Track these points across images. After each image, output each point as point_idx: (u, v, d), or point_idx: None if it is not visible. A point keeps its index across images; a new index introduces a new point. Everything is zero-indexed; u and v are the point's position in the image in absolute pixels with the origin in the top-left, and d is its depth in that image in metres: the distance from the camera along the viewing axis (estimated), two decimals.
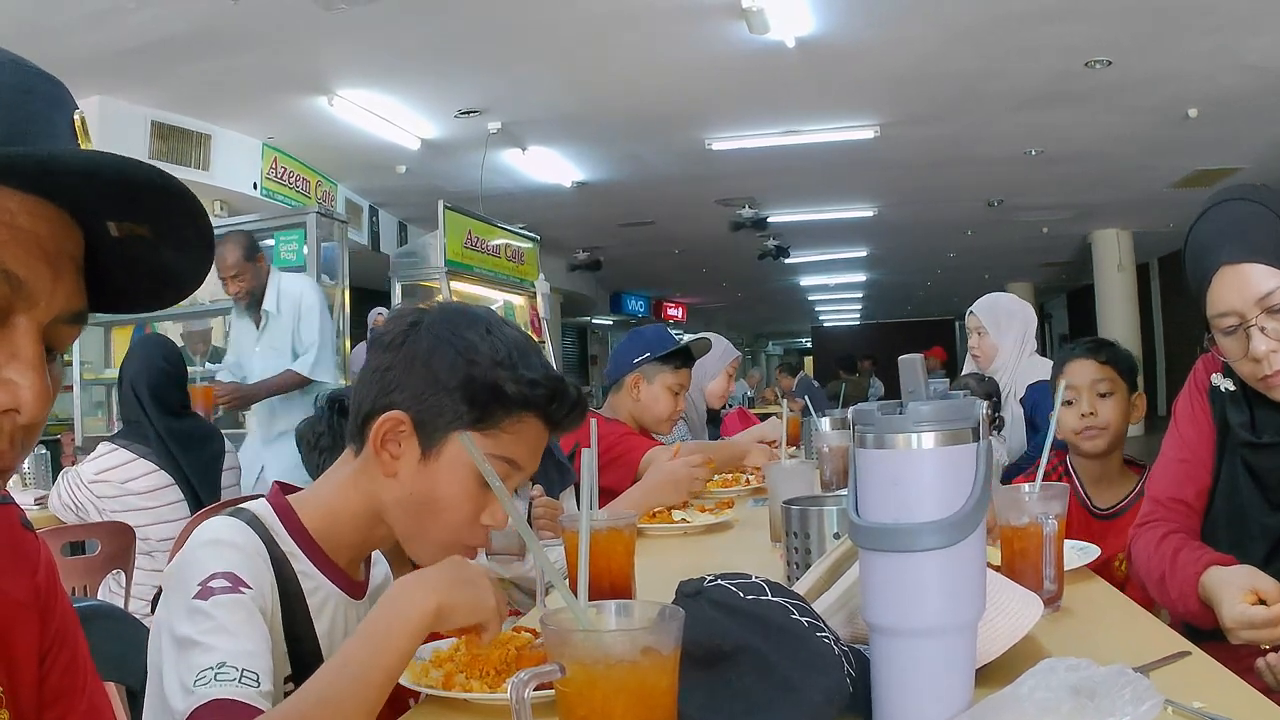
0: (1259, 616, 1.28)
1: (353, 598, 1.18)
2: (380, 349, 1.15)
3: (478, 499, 1.12)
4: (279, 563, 1.09)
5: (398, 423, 1.10)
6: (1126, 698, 0.75)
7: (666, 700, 0.77)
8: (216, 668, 0.95)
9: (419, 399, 1.10)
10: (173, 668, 0.98)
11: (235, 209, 7.06)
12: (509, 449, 1.12)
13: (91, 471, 2.99)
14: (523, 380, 1.11)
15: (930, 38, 5.81)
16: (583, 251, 12.53)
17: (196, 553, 1.05)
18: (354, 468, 1.16)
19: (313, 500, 1.16)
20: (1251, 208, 1.42)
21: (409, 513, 1.13)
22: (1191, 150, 8.33)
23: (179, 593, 1.01)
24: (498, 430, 1.11)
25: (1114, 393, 2.15)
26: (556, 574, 0.89)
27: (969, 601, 0.87)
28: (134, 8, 4.76)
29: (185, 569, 1.03)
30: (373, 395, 1.13)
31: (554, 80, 6.45)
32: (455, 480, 1.11)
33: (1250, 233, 1.40)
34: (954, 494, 0.84)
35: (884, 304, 21.79)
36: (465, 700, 1.10)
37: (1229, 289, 1.41)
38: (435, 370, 1.10)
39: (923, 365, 0.88)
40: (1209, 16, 5.48)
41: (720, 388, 3.82)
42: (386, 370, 1.13)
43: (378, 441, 1.11)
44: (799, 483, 1.89)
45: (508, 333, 1.15)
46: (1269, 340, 1.38)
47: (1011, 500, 1.36)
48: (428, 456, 1.11)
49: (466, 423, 1.10)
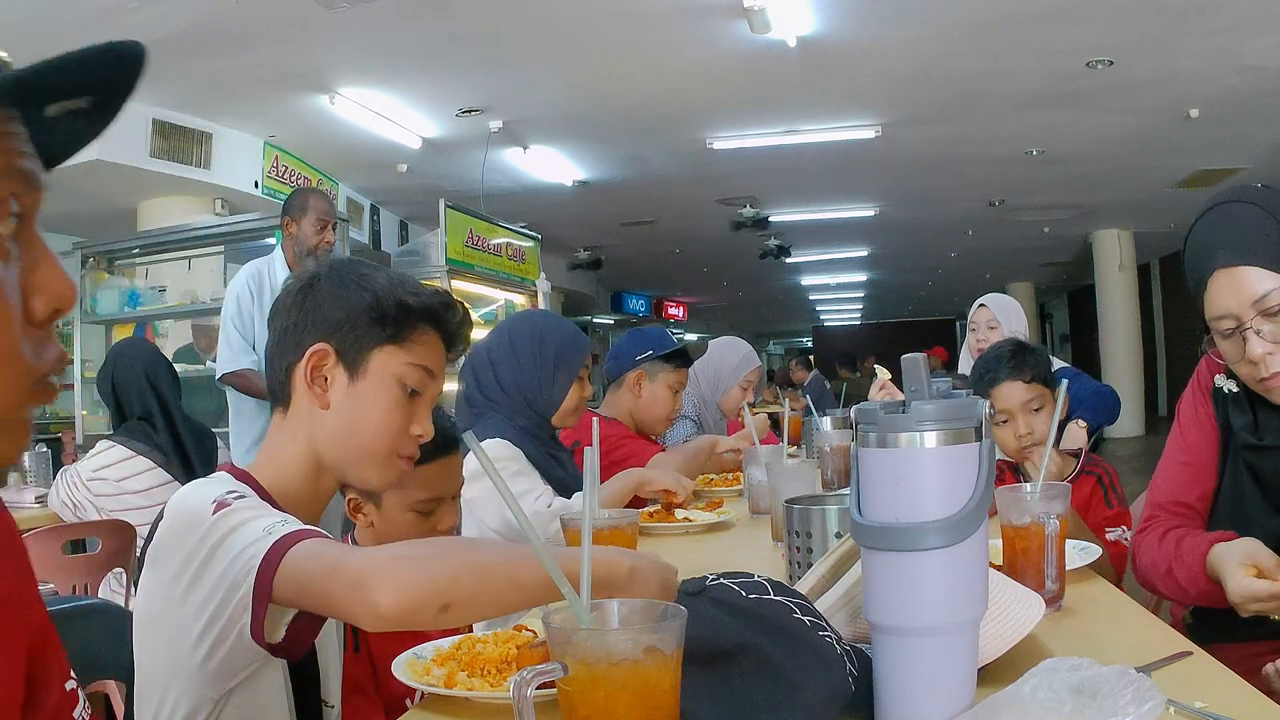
0: (1262, 590, 1.30)
1: None
2: (284, 310, 1.25)
3: (406, 408, 1.23)
4: None
5: (323, 354, 1.21)
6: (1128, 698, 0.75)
7: (669, 699, 0.77)
8: (265, 528, 1.03)
9: (335, 330, 1.22)
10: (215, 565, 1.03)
11: (236, 207, 7.06)
12: (422, 357, 1.24)
13: (89, 469, 2.99)
14: (421, 293, 1.25)
15: (932, 38, 5.81)
16: (584, 251, 12.52)
17: (190, 497, 1.12)
18: (285, 420, 1.25)
19: (263, 464, 1.25)
20: (1249, 210, 1.43)
21: (345, 438, 1.22)
22: (1193, 150, 8.33)
23: (182, 540, 1.07)
24: (409, 341, 1.23)
25: (1044, 406, 2.18)
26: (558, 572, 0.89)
27: (971, 601, 0.87)
28: (135, 6, 4.77)
29: (182, 519, 1.09)
30: (289, 349, 1.23)
31: (555, 79, 6.45)
32: (383, 393, 1.22)
33: (1246, 236, 1.41)
34: (956, 493, 0.84)
35: (885, 304, 21.78)
36: (467, 699, 1.10)
37: (1225, 292, 1.41)
38: (344, 303, 1.22)
39: (925, 364, 0.88)
40: (1210, 17, 5.48)
41: (734, 400, 3.72)
42: (295, 325, 1.24)
43: (307, 379, 1.21)
44: (801, 482, 1.89)
45: (394, 270, 1.30)
46: (1265, 343, 1.38)
47: (1013, 500, 1.36)
48: (354, 378, 1.22)
49: (382, 339, 1.22)
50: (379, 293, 1.22)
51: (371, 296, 1.22)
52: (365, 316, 1.21)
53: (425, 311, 1.24)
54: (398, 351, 1.22)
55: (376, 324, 1.22)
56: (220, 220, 6.40)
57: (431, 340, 1.26)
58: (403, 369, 1.22)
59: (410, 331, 1.23)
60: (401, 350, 1.23)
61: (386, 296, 1.22)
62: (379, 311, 1.22)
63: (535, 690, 0.74)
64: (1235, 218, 1.44)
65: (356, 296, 1.22)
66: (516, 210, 8.61)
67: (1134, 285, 12.85)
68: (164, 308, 5.50)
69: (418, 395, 1.24)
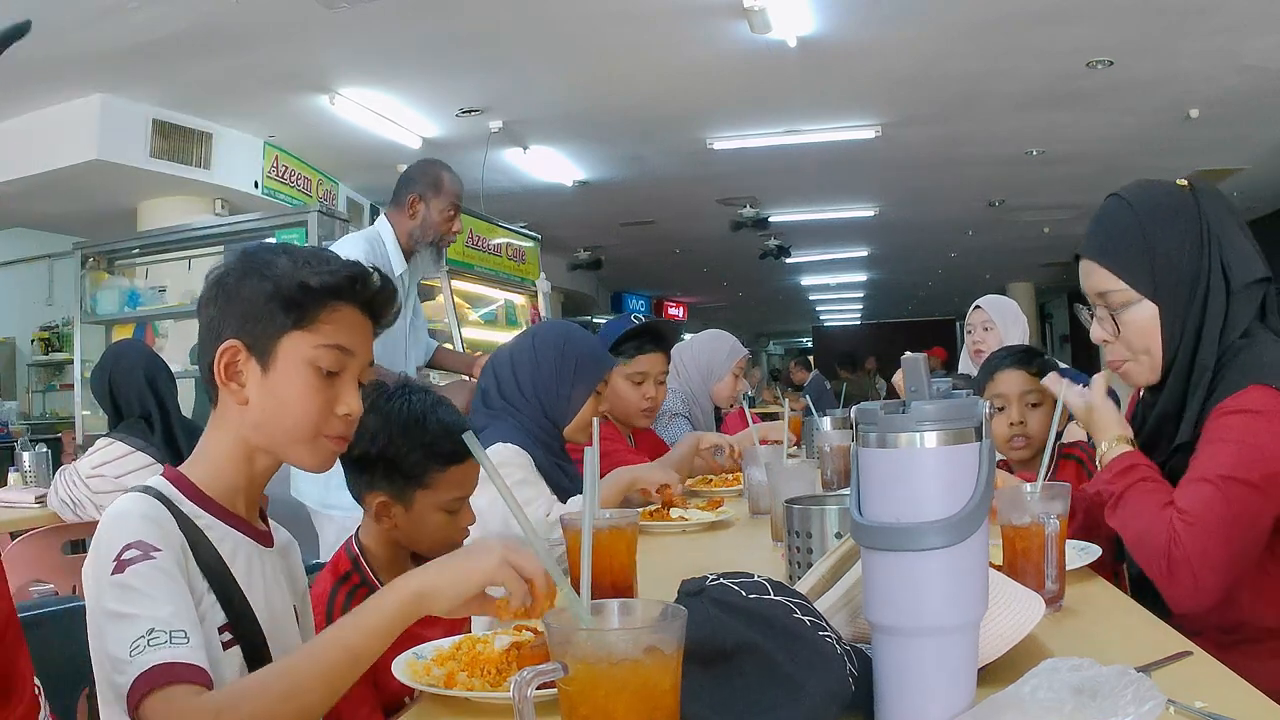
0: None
1: (261, 545, 1.26)
2: (202, 306, 1.25)
3: (324, 390, 1.21)
4: (185, 525, 1.16)
5: (234, 351, 1.20)
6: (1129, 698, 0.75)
7: (669, 699, 0.77)
8: (147, 635, 1.01)
9: (242, 325, 1.20)
10: (105, 647, 1.04)
11: (236, 208, 7.06)
12: (333, 337, 1.22)
13: (89, 466, 3.00)
14: (323, 272, 1.21)
15: (932, 38, 5.81)
16: (584, 251, 12.51)
17: (107, 531, 1.11)
18: (215, 417, 1.25)
19: (197, 461, 1.25)
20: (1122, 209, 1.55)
21: (269, 428, 1.22)
22: (1193, 150, 8.32)
23: (97, 574, 1.07)
24: (317, 323, 1.21)
25: (1042, 404, 2.20)
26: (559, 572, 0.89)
27: (971, 601, 0.87)
28: (136, 6, 4.76)
29: (99, 550, 1.09)
30: (208, 346, 1.22)
31: (556, 79, 6.45)
32: (296, 380, 1.20)
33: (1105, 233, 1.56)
34: (956, 493, 0.84)
35: (885, 304, 21.76)
36: (467, 699, 1.10)
37: (1083, 277, 1.60)
38: (246, 296, 1.21)
39: (926, 364, 0.88)
40: (1210, 17, 5.48)
41: (728, 389, 3.70)
42: (211, 320, 1.23)
43: (223, 377, 1.21)
44: (801, 482, 1.89)
45: (305, 249, 1.26)
46: (1101, 331, 1.59)
47: (1013, 500, 1.36)
48: (267, 370, 1.21)
49: (288, 326, 1.20)
50: (278, 279, 1.20)
51: (271, 284, 1.20)
52: (269, 306, 1.20)
53: (327, 290, 1.21)
54: (305, 335, 1.20)
55: (281, 311, 1.20)
56: (220, 220, 6.40)
57: (345, 316, 1.23)
58: (313, 352, 1.20)
59: (317, 313, 1.21)
60: (309, 334, 1.21)
61: (287, 281, 1.20)
62: (281, 298, 1.20)
63: (535, 690, 0.74)
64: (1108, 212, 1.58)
65: (258, 286, 1.20)
66: (516, 210, 8.61)
67: None
68: (164, 308, 5.50)
69: (336, 375, 1.22)
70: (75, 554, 2.87)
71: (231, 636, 1.15)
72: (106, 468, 2.98)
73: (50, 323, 9.63)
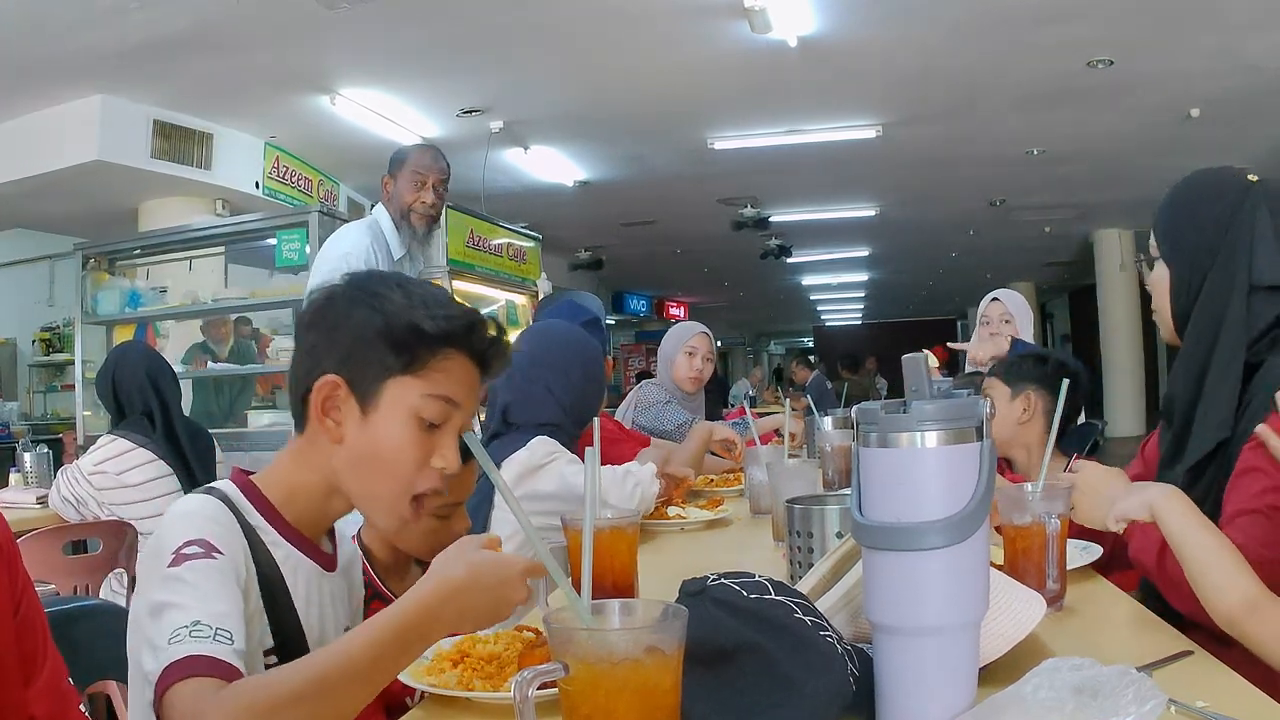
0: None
1: (324, 569, 1.20)
2: (303, 329, 1.18)
3: (423, 443, 1.13)
4: (250, 536, 1.11)
5: (334, 386, 1.13)
6: (1130, 697, 0.75)
7: (669, 699, 0.77)
8: (190, 625, 0.94)
9: (347, 360, 1.13)
10: (147, 637, 0.97)
11: (237, 208, 7.06)
12: (442, 386, 1.14)
13: (90, 463, 3.01)
14: (439, 316, 1.13)
15: (932, 37, 5.81)
16: (585, 251, 12.52)
17: (170, 526, 1.06)
18: (301, 445, 1.18)
19: (271, 478, 1.19)
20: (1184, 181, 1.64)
21: (360, 472, 1.15)
22: (1193, 150, 8.31)
23: (152, 568, 1.02)
24: (427, 370, 1.13)
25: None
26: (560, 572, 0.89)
27: (972, 601, 0.87)
28: (136, 6, 4.76)
29: (158, 544, 1.04)
30: (304, 372, 1.15)
31: (556, 79, 6.45)
32: (397, 427, 1.12)
33: (1164, 197, 1.65)
34: (957, 493, 0.84)
35: (886, 303, 21.78)
36: (467, 699, 1.10)
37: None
38: (355, 328, 1.13)
39: (926, 364, 0.88)
40: (1211, 16, 5.48)
41: (683, 369, 3.67)
42: (312, 347, 1.16)
43: (319, 411, 1.14)
44: (802, 482, 1.89)
45: (419, 285, 1.19)
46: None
47: (1014, 499, 1.36)
48: (367, 412, 1.13)
49: (396, 369, 1.12)
50: (390, 315, 1.12)
51: (382, 320, 1.12)
52: (376, 344, 1.12)
53: (442, 336, 1.13)
54: (412, 382, 1.12)
55: (389, 352, 1.12)
56: (221, 221, 6.40)
57: (455, 365, 1.15)
58: (418, 401, 1.12)
59: (428, 359, 1.13)
60: (416, 380, 1.12)
61: (399, 319, 1.12)
62: (391, 337, 1.11)
63: (536, 690, 0.74)
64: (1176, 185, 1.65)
65: (367, 319, 1.12)
66: (517, 210, 8.61)
67: (1135, 285, 12.82)
68: (165, 308, 5.50)
69: (437, 428, 1.14)
70: (76, 554, 2.88)
71: (277, 661, 1.08)
72: (108, 464, 2.99)
73: (51, 323, 9.64)
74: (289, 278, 5.02)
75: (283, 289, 5.04)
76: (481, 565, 1.01)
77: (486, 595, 1.01)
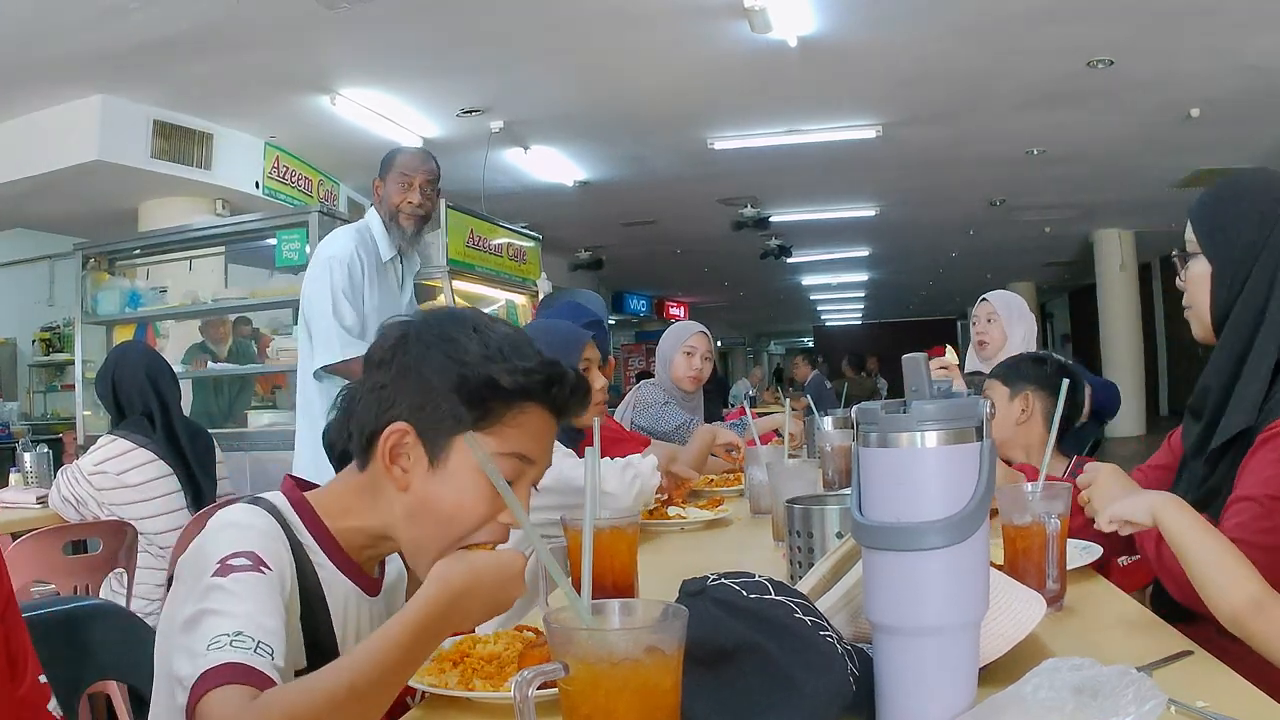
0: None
1: (367, 594, 1.18)
2: (373, 367, 1.13)
3: (493, 501, 1.08)
4: (298, 553, 1.08)
5: (402, 434, 1.08)
6: (1130, 697, 0.75)
7: (670, 699, 0.77)
8: (232, 635, 0.91)
9: (418, 408, 1.08)
10: (183, 643, 0.93)
11: (237, 208, 7.06)
12: (515, 443, 1.09)
13: (91, 463, 3.01)
14: (516, 370, 1.07)
15: (932, 37, 5.81)
16: (585, 251, 12.53)
17: (216, 535, 1.03)
18: (362, 482, 1.14)
19: (328, 502, 1.15)
20: (1225, 179, 1.62)
21: (416, 522, 1.10)
22: (1193, 150, 8.33)
23: (194, 576, 0.99)
24: (501, 425, 1.08)
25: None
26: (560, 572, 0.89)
27: (972, 601, 0.87)
28: (136, 6, 4.76)
29: (202, 552, 1.01)
30: (374, 413, 1.10)
31: (556, 79, 6.45)
32: (466, 484, 1.08)
33: (1202, 194, 1.63)
34: (957, 493, 0.84)
35: (886, 303, 21.79)
36: (467, 699, 1.10)
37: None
38: (428, 377, 1.08)
39: (926, 364, 0.88)
40: (1211, 16, 5.48)
41: (681, 368, 3.69)
42: (382, 388, 1.10)
43: (386, 457, 1.08)
44: (801, 482, 1.89)
45: (497, 328, 1.13)
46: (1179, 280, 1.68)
47: (1014, 499, 1.36)
48: (435, 465, 1.08)
49: (468, 424, 1.06)
50: (466, 366, 1.07)
51: (456, 372, 1.07)
52: (449, 396, 1.06)
53: (519, 391, 1.07)
54: (485, 438, 1.07)
55: (463, 405, 1.06)
56: (221, 221, 6.40)
57: (532, 420, 1.10)
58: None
59: (503, 413, 1.08)
60: (489, 436, 1.07)
61: (475, 371, 1.06)
62: (465, 391, 1.06)
63: (536, 690, 0.74)
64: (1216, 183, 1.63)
65: (441, 367, 1.07)
66: (517, 210, 8.61)
67: (1135, 285, 12.85)
68: (165, 308, 5.50)
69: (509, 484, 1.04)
70: (76, 554, 2.87)
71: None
72: (108, 464, 2.99)
73: (51, 323, 9.64)
74: (289, 278, 5.02)
75: (283, 289, 5.04)
76: (483, 565, 1.02)
77: (489, 594, 1.02)
